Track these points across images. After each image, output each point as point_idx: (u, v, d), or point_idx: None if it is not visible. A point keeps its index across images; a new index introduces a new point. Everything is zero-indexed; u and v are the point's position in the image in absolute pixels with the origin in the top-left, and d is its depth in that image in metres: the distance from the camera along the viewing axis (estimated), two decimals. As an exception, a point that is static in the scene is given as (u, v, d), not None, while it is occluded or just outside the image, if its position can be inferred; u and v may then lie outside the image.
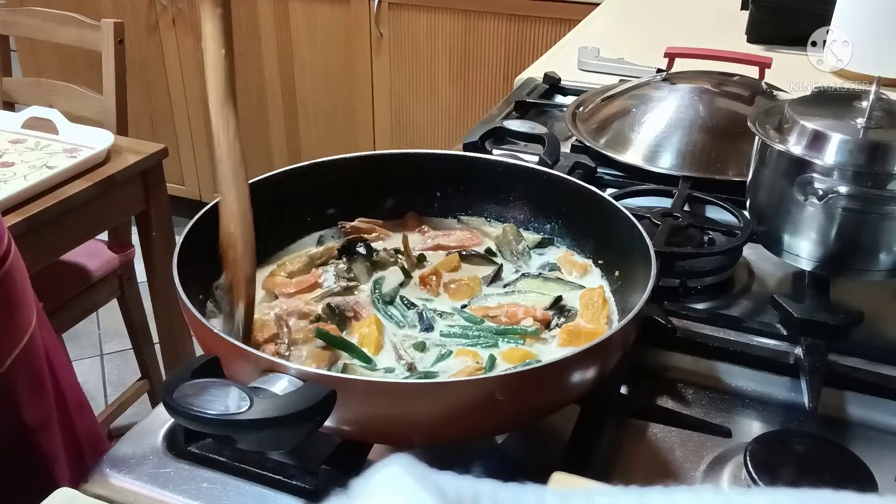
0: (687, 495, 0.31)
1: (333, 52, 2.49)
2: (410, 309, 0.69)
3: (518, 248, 0.77)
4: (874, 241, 0.72)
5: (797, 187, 0.72)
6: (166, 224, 1.73)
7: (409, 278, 0.73)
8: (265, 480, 0.57)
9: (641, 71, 1.31)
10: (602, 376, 0.57)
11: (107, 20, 1.73)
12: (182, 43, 2.68)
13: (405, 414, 0.53)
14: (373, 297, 0.70)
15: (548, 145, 0.92)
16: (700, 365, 0.71)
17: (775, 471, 0.53)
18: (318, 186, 0.80)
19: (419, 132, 2.50)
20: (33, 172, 1.42)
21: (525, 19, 2.22)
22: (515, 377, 0.53)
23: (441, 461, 0.34)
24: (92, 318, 2.23)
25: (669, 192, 0.92)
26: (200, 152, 2.86)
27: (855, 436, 0.65)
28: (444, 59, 2.37)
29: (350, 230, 0.79)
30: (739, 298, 0.82)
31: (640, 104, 1.06)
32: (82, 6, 2.67)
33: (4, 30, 1.92)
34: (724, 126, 1.00)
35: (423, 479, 0.30)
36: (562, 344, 0.65)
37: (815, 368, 0.66)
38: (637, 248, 0.66)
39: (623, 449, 0.63)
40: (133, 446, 0.60)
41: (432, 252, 0.77)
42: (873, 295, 0.83)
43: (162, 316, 1.83)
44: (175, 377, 0.49)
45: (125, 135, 1.77)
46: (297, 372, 0.51)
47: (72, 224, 1.48)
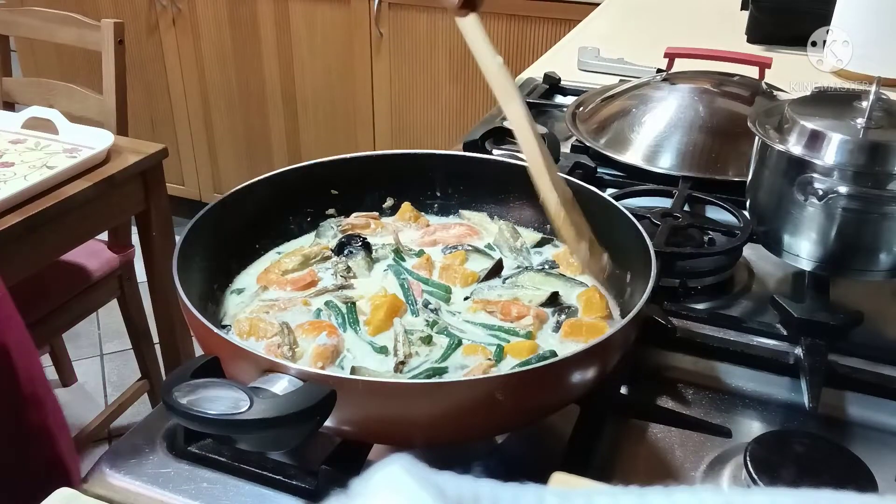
0: (687, 495, 0.31)
1: (333, 52, 2.49)
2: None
3: (516, 245, 0.77)
4: (874, 241, 0.72)
5: (797, 187, 0.72)
6: (166, 224, 1.73)
7: (403, 261, 0.75)
8: (265, 480, 0.57)
9: (641, 71, 1.31)
10: (602, 376, 0.57)
11: (107, 20, 1.73)
12: (182, 43, 2.68)
13: (405, 414, 0.53)
14: (393, 269, 0.72)
15: (548, 145, 0.92)
16: (700, 365, 0.71)
17: (775, 471, 0.53)
18: (318, 186, 0.80)
19: (419, 132, 2.50)
20: (33, 172, 1.42)
21: (525, 19, 2.22)
22: (515, 377, 0.53)
23: (441, 461, 0.34)
24: (92, 318, 2.23)
25: (669, 192, 0.92)
26: (200, 152, 2.86)
27: (855, 436, 0.65)
28: (444, 59, 2.37)
29: (347, 228, 0.79)
30: (739, 298, 0.82)
31: (640, 104, 1.06)
32: (82, 6, 2.67)
33: (4, 30, 1.92)
34: (724, 126, 1.00)
35: (423, 479, 0.30)
36: (564, 336, 0.65)
37: (815, 368, 0.66)
38: (637, 248, 0.66)
39: (623, 449, 0.63)
40: (133, 446, 0.60)
41: (430, 247, 0.77)
42: (873, 295, 0.83)
43: (162, 316, 1.83)
44: (175, 377, 0.49)
45: (125, 135, 1.77)
46: (297, 372, 0.51)
47: (72, 224, 1.48)
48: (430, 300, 0.69)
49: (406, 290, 0.70)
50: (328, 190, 0.80)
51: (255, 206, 0.75)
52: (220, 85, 2.71)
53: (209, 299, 0.68)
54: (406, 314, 0.67)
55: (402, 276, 0.72)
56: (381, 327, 0.65)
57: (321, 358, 0.61)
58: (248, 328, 0.64)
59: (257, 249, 0.76)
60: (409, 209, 0.82)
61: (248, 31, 2.58)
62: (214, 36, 2.63)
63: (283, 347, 0.62)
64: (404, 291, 0.70)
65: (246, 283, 0.72)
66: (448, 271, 0.73)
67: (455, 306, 0.69)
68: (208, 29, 2.62)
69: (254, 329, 0.64)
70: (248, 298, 0.70)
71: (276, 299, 0.69)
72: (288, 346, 0.62)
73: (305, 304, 0.68)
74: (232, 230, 0.73)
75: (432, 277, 0.73)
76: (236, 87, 2.69)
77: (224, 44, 2.63)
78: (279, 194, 0.77)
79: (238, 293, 0.71)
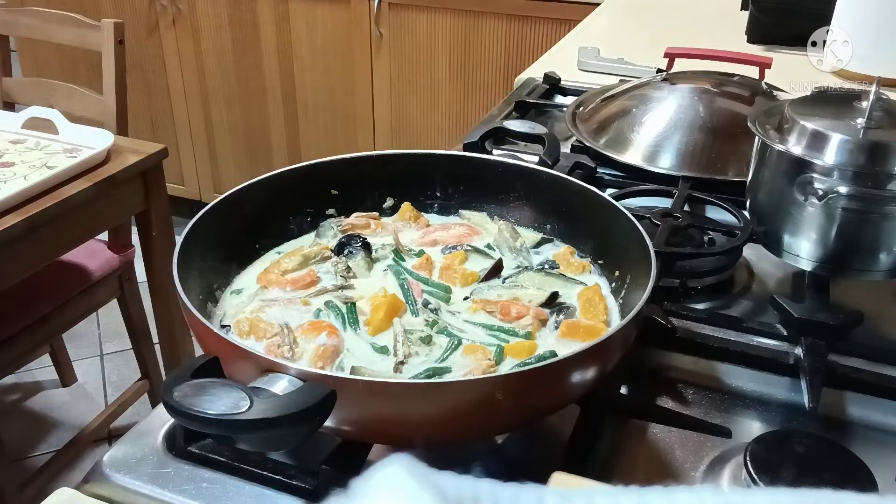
0: (687, 495, 0.31)
1: (333, 52, 2.49)
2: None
3: (515, 245, 0.77)
4: (874, 241, 0.72)
5: (797, 187, 0.72)
6: (166, 224, 1.73)
7: (403, 261, 0.75)
8: (265, 480, 0.57)
9: (641, 71, 1.31)
10: (602, 376, 0.57)
11: (107, 20, 1.73)
12: (182, 43, 2.68)
13: (405, 414, 0.53)
14: (393, 269, 0.72)
15: (548, 145, 0.92)
16: (700, 365, 0.71)
17: (775, 471, 0.53)
18: (318, 186, 0.80)
19: (419, 132, 2.51)
20: (33, 172, 1.42)
21: (525, 19, 2.22)
22: (515, 377, 0.53)
23: (441, 461, 0.34)
24: (92, 318, 2.23)
25: (669, 192, 0.92)
26: (200, 152, 2.86)
27: (855, 436, 0.65)
28: (444, 59, 2.37)
29: (347, 228, 0.79)
30: (739, 298, 0.82)
31: (640, 104, 1.06)
32: (82, 6, 2.67)
33: (4, 30, 1.92)
34: (724, 126, 1.00)
35: (423, 479, 0.30)
36: (562, 336, 0.65)
37: (815, 368, 0.66)
38: (637, 248, 0.66)
39: (623, 449, 0.63)
40: (133, 446, 0.60)
41: (430, 247, 0.77)
42: (873, 295, 0.83)
43: (162, 316, 1.83)
44: (175, 377, 0.49)
45: (125, 135, 1.77)
46: (297, 372, 0.51)
47: (72, 224, 1.48)
48: (429, 300, 0.69)
49: (406, 290, 0.70)
50: (328, 190, 0.80)
51: (255, 207, 0.75)
52: (220, 85, 2.71)
53: (209, 299, 0.68)
54: (406, 314, 0.67)
55: (401, 276, 0.72)
56: (381, 327, 0.65)
57: (321, 358, 0.61)
58: (248, 328, 0.64)
59: (257, 249, 0.76)
60: (409, 209, 0.82)
61: (248, 31, 2.58)
62: (214, 36, 2.63)
63: (283, 347, 0.62)
64: (404, 291, 0.70)
65: (246, 283, 0.72)
66: (448, 271, 0.73)
67: (455, 306, 0.69)
68: (208, 29, 2.62)
69: (254, 329, 0.64)
70: (247, 298, 0.70)
71: (276, 299, 0.69)
72: (288, 346, 0.62)
73: (305, 304, 0.68)
74: (232, 230, 0.73)
75: (432, 277, 0.73)
76: (236, 87, 2.69)
77: (224, 44, 2.63)
78: (279, 194, 0.77)
79: (238, 293, 0.71)
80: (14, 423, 2.13)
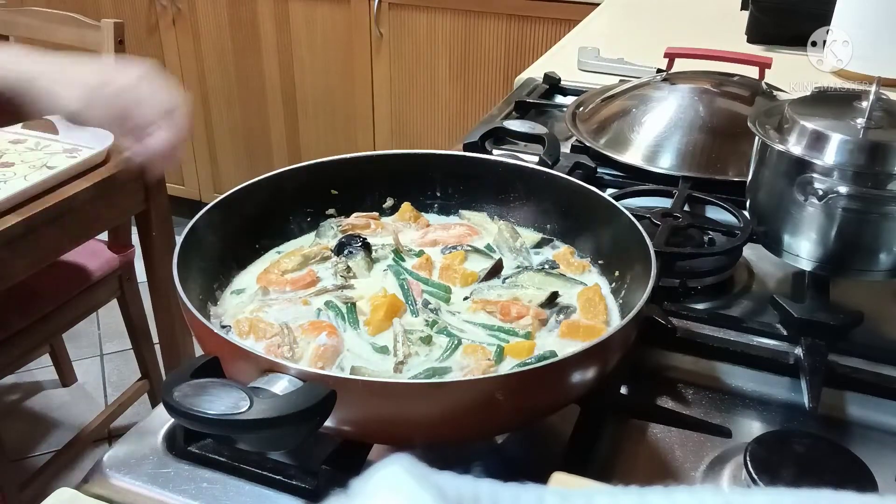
0: (687, 495, 0.31)
1: (333, 52, 2.49)
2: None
3: (516, 245, 0.77)
4: (874, 241, 0.72)
5: (797, 187, 0.72)
6: (166, 224, 1.73)
7: (403, 261, 0.75)
8: (265, 480, 0.57)
9: (641, 71, 1.31)
10: (602, 376, 0.57)
11: (107, 20, 1.73)
12: (182, 43, 2.68)
13: (405, 414, 0.53)
14: (393, 269, 0.72)
15: (548, 145, 0.92)
16: (700, 365, 0.71)
17: (775, 471, 0.53)
18: (318, 186, 0.80)
19: (419, 132, 2.51)
20: (33, 172, 1.42)
21: (525, 19, 2.22)
22: (515, 377, 0.53)
23: (441, 461, 0.34)
24: (92, 318, 2.23)
25: (669, 192, 0.92)
26: (200, 152, 2.86)
27: (855, 436, 0.65)
28: (444, 59, 2.37)
29: (347, 228, 0.79)
30: (739, 298, 0.82)
31: (640, 104, 1.06)
32: (82, 6, 2.67)
33: (4, 30, 1.92)
34: (724, 126, 1.00)
35: (423, 479, 0.30)
36: (562, 336, 0.65)
37: (815, 368, 0.66)
38: (637, 248, 0.66)
39: (623, 449, 0.63)
40: (133, 446, 0.60)
41: (430, 247, 0.77)
42: (873, 295, 0.83)
43: (162, 316, 1.83)
44: (175, 377, 0.49)
45: (125, 135, 1.77)
46: (297, 372, 0.51)
47: (72, 224, 1.48)
48: (429, 300, 0.69)
49: (406, 290, 0.70)
50: (328, 190, 0.80)
51: (255, 206, 0.75)
52: (220, 85, 2.71)
53: (209, 299, 0.68)
54: (406, 314, 0.67)
55: (401, 277, 0.72)
56: (381, 327, 0.65)
57: (321, 358, 0.61)
58: (248, 328, 0.64)
59: (257, 249, 0.76)
60: (409, 209, 0.82)
61: (248, 31, 2.58)
62: (214, 36, 2.63)
63: (283, 347, 0.62)
64: (404, 291, 0.70)
65: (246, 283, 0.72)
66: (448, 271, 0.73)
67: (455, 306, 0.69)
68: (208, 29, 2.62)
69: (254, 329, 0.64)
70: (247, 298, 0.70)
71: (276, 299, 0.69)
72: (288, 346, 0.62)
73: (305, 304, 0.68)
74: (232, 230, 0.73)
75: (432, 277, 0.73)
76: (236, 87, 2.69)
77: (224, 44, 2.63)
78: (279, 194, 0.77)
79: (238, 293, 0.71)
80: (14, 423, 2.13)
